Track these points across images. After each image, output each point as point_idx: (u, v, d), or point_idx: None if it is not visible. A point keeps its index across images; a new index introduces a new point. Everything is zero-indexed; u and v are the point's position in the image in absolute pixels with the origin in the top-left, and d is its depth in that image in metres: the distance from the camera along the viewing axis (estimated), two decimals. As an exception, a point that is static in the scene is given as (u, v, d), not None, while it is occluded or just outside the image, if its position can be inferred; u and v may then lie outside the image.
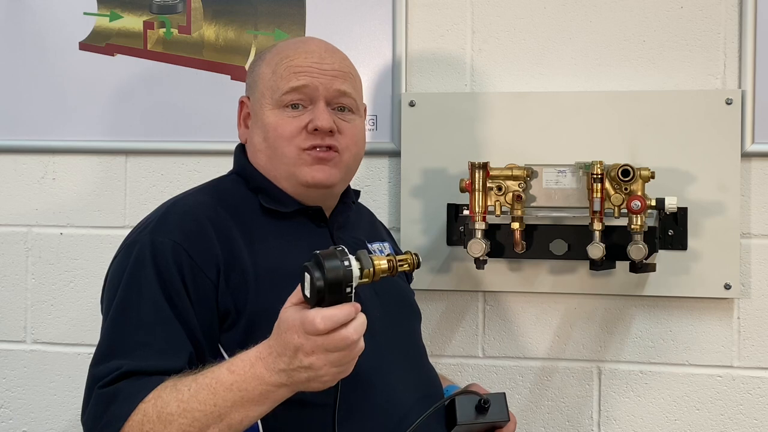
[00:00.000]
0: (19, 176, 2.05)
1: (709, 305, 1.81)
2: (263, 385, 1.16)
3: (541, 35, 1.87)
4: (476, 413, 1.45)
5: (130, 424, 1.19)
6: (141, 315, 1.29)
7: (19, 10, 2.03)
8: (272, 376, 1.16)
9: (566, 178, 1.74)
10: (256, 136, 1.45)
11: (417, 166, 1.87)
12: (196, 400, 1.18)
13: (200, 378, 1.20)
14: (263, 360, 1.17)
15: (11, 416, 2.06)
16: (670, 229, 1.77)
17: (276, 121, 1.41)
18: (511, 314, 1.89)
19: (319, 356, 1.12)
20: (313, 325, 1.10)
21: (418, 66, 1.91)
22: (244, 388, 1.17)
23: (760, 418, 1.81)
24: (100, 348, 1.30)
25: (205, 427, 1.18)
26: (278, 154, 1.42)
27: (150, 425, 1.19)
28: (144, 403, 1.20)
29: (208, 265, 1.31)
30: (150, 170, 2.01)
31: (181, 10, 1.98)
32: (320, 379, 1.15)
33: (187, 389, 1.19)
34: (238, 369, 1.18)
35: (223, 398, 1.17)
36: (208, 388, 1.18)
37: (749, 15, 1.77)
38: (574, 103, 1.82)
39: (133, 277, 1.31)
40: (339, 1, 1.92)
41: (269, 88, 1.43)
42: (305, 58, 1.43)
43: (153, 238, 1.32)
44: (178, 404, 1.19)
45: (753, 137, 1.78)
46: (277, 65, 1.43)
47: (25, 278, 2.05)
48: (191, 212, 1.36)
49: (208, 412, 1.17)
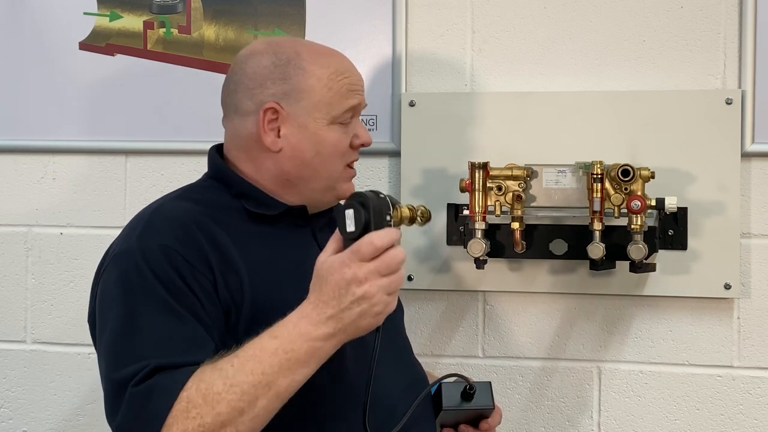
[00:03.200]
0: (19, 176, 2.05)
1: (709, 305, 1.81)
2: (310, 341, 1.18)
3: (541, 35, 1.87)
4: (461, 399, 1.48)
5: (174, 415, 1.16)
6: (151, 319, 1.25)
7: (19, 10, 2.03)
8: (319, 328, 1.18)
9: (566, 178, 1.75)
10: (304, 148, 1.42)
11: (417, 166, 1.87)
12: (243, 372, 1.17)
13: (241, 352, 1.19)
14: (307, 317, 1.19)
15: (11, 416, 2.06)
16: (670, 229, 1.77)
17: (337, 138, 1.43)
18: (511, 314, 1.89)
19: (372, 282, 1.17)
20: (371, 245, 1.17)
21: (418, 66, 1.91)
22: (290, 349, 1.18)
23: (760, 418, 1.81)
24: (111, 357, 1.26)
25: (254, 399, 1.17)
26: (327, 169, 1.44)
27: (196, 410, 1.16)
28: (185, 391, 1.17)
29: (203, 266, 1.30)
30: (150, 170, 2.01)
31: (181, 10, 1.98)
32: (373, 311, 1.18)
33: (230, 366, 1.18)
34: (281, 333, 1.19)
35: (270, 364, 1.17)
36: (253, 359, 1.18)
37: (749, 15, 1.78)
38: (574, 103, 1.82)
39: (131, 285, 1.28)
40: (339, 1, 1.92)
41: (325, 103, 1.41)
42: (354, 75, 1.46)
43: (141, 245, 1.30)
44: (223, 381, 1.17)
45: (753, 137, 1.78)
46: (332, 81, 1.42)
47: (25, 278, 2.05)
48: (177, 217, 1.35)
49: (256, 382, 1.17)
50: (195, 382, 1.18)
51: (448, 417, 1.49)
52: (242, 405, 1.17)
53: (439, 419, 1.50)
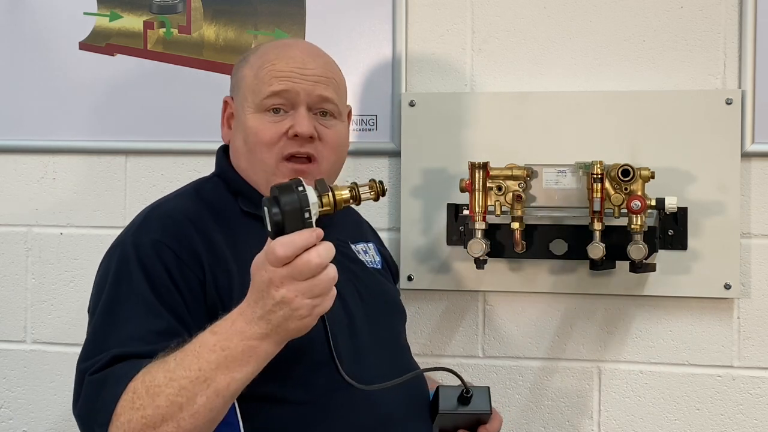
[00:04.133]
0: (19, 176, 2.05)
1: (709, 305, 1.81)
2: (245, 340, 1.15)
3: (541, 35, 1.87)
4: (458, 403, 1.47)
5: (122, 404, 1.17)
6: (128, 310, 1.27)
7: (19, 10, 2.03)
8: (252, 327, 1.14)
9: (566, 178, 1.75)
10: (237, 138, 1.45)
11: (417, 166, 1.87)
12: (182, 367, 1.16)
13: (186, 346, 1.18)
14: (243, 314, 1.16)
15: (11, 416, 2.06)
16: (670, 229, 1.77)
17: (257, 126, 1.41)
18: (511, 314, 1.88)
19: (288, 287, 1.11)
20: (274, 253, 1.10)
21: (418, 66, 1.91)
22: (226, 346, 1.15)
23: (760, 418, 1.81)
24: (86, 346, 1.29)
25: (192, 396, 1.15)
26: (257, 159, 1.42)
27: (140, 401, 1.16)
28: (133, 381, 1.18)
29: (193, 262, 1.31)
30: (150, 170, 2.01)
31: (181, 10, 1.98)
32: (297, 315, 1.13)
33: (173, 359, 1.18)
34: (220, 329, 1.17)
35: (207, 360, 1.15)
36: (192, 354, 1.17)
37: (749, 15, 1.77)
38: (574, 103, 1.82)
39: (118, 276, 1.31)
40: (339, 1, 1.92)
41: (251, 91, 1.43)
42: (287, 63, 1.42)
43: (135, 239, 1.33)
44: (164, 374, 1.16)
45: (753, 137, 1.78)
46: (259, 69, 1.43)
47: (25, 278, 2.05)
48: (172, 214, 1.37)
49: (194, 377, 1.15)
50: (143, 374, 1.18)
51: (445, 421, 1.49)
52: (181, 400, 1.15)
53: (436, 423, 1.49)
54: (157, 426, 1.16)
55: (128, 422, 1.16)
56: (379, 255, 1.64)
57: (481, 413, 1.49)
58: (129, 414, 1.16)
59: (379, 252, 1.65)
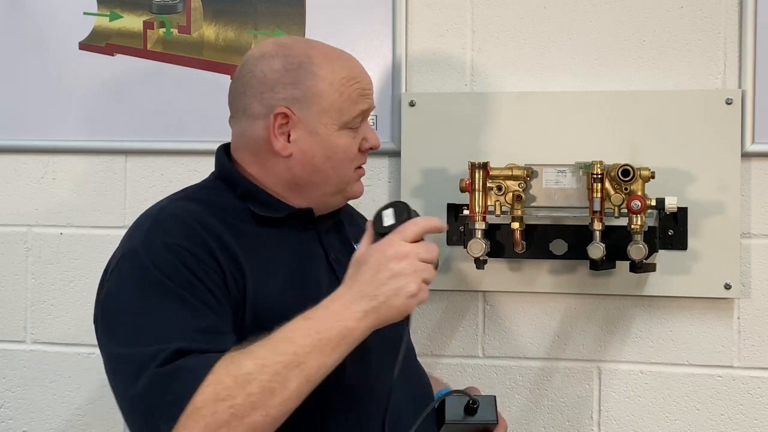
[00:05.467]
0: (19, 176, 2.06)
1: (709, 305, 1.81)
2: (342, 321, 1.19)
3: (541, 35, 1.87)
4: (464, 414, 1.47)
5: (203, 396, 1.13)
6: (167, 311, 1.22)
7: (19, 10, 2.03)
8: (352, 307, 1.20)
9: (566, 178, 1.75)
10: (317, 154, 1.40)
11: (417, 166, 1.87)
12: (274, 352, 1.16)
13: (274, 335, 1.18)
14: (341, 298, 1.21)
15: (11, 416, 2.06)
16: (670, 229, 1.77)
17: (347, 143, 1.42)
18: (511, 314, 1.89)
19: (410, 260, 1.21)
20: (416, 224, 1.24)
21: (418, 66, 1.91)
22: (322, 329, 1.18)
23: (760, 418, 1.81)
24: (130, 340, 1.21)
25: (285, 381, 1.15)
26: (339, 174, 1.43)
27: (226, 392, 1.14)
28: (213, 374, 1.14)
29: (212, 262, 1.29)
30: (150, 170, 2.01)
31: (181, 10, 1.98)
32: (405, 291, 1.21)
33: (260, 348, 1.17)
34: (313, 314, 1.20)
35: (301, 345, 1.17)
36: (284, 340, 1.18)
37: (749, 15, 1.78)
38: (574, 103, 1.82)
39: (142, 284, 1.26)
40: (339, 1, 1.92)
41: (336, 108, 1.39)
42: (365, 79, 1.44)
43: (147, 244, 1.29)
44: (254, 362, 1.15)
45: (753, 137, 1.78)
46: (342, 86, 1.40)
47: (25, 278, 2.05)
48: (181, 216, 1.34)
49: (287, 362, 1.16)
50: (224, 365, 1.15)
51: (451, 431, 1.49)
52: (274, 386, 1.15)
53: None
54: (245, 416, 1.14)
55: (213, 414, 1.13)
56: None
57: (487, 423, 1.49)
58: (213, 406, 1.13)
59: None
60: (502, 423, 1.52)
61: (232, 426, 1.13)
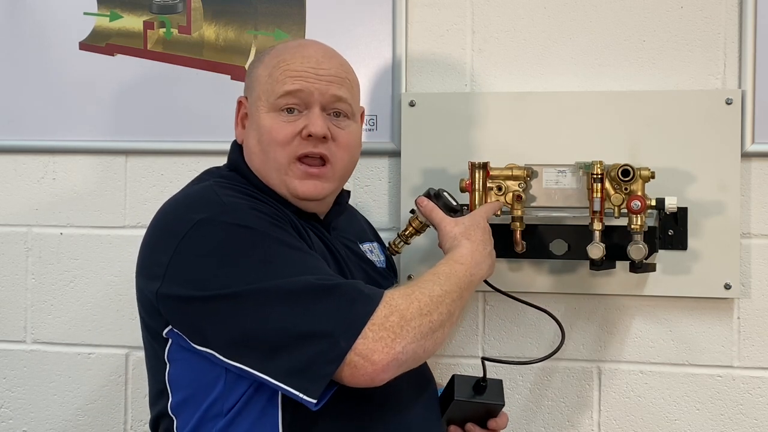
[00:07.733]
0: (19, 176, 2.05)
1: (709, 305, 1.81)
2: (479, 271, 1.46)
3: (541, 35, 1.87)
4: (473, 392, 1.53)
5: (410, 311, 1.26)
6: (289, 256, 1.29)
7: (19, 10, 2.03)
8: (482, 262, 1.47)
9: (566, 178, 1.74)
10: (251, 138, 1.44)
11: (417, 166, 1.87)
12: (449, 283, 1.35)
13: (438, 271, 1.39)
14: (471, 253, 1.46)
15: (11, 416, 2.06)
16: (670, 229, 1.77)
17: (271, 125, 1.41)
18: (511, 314, 1.88)
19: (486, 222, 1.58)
20: (492, 206, 1.65)
21: (418, 66, 1.91)
22: (472, 273, 1.43)
23: (760, 418, 1.81)
24: (283, 271, 1.26)
25: (454, 311, 1.33)
26: (270, 159, 1.41)
27: (427, 308, 1.28)
28: (410, 294, 1.29)
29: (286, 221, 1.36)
30: (150, 170, 2.01)
31: (181, 10, 1.98)
32: (493, 257, 1.54)
33: (437, 278, 1.36)
34: (464, 260, 1.44)
35: (462, 282, 1.39)
36: (453, 275, 1.38)
37: (749, 15, 1.78)
38: (574, 103, 1.82)
39: (244, 238, 1.27)
40: (339, 1, 1.92)
41: (265, 91, 1.42)
42: (302, 63, 1.42)
43: (224, 210, 1.31)
44: (440, 288, 1.33)
45: (753, 137, 1.78)
46: (274, 68, 1.43)
47: (25, 278, 2.05)
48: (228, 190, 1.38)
49: (456, 297, 1.35)
50: (418, 287, 1.31)
51: (458, 410, 1.50)
52: (452, 309, 1.33)
53: (449, 412, 1.50)
54: (435, 331, 1.29)
55: (419, 327, 1.26)
56: (383, 254, 1.66)
57: (494, 404, 1.52)
58: (419, 319, 1.26)
59: (383, 251, 1.66)
60: (504, 414, 1.55)
61: (428, 338, 1.27)
